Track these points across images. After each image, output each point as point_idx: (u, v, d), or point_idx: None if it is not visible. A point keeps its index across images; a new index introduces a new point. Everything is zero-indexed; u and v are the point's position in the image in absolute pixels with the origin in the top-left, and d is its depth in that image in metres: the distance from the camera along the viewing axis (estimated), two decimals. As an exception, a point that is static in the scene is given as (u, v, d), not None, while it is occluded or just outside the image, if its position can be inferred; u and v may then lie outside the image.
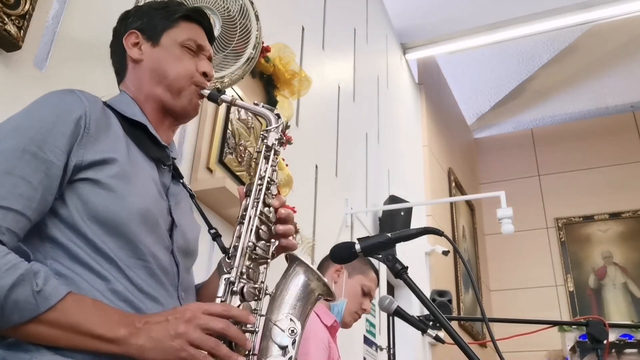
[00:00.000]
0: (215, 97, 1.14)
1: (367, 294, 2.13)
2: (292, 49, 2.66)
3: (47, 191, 0.88)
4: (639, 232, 6.20)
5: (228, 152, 2.22)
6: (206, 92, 1.14)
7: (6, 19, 1.36)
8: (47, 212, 0.90)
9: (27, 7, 1.42)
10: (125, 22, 1.18)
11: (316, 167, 3.14)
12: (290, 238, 1.08)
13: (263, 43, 2.48)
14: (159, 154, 1.08)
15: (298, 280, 1.02)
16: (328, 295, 1.05)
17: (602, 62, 6.04)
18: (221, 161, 2.17)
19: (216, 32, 1.75)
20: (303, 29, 3.21)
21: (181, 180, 1.16)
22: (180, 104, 1.11)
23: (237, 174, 2.24)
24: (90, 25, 1.69)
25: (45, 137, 0.89)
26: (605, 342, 2.02)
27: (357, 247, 1.30)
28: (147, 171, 1.03)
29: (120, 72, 1.17)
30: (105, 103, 1.06)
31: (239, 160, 2.28)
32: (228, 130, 2.23)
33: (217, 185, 2.02)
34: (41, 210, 0.88)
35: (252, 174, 2.35)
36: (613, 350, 4.23)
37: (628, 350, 4.34)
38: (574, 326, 4.31)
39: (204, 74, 1.14)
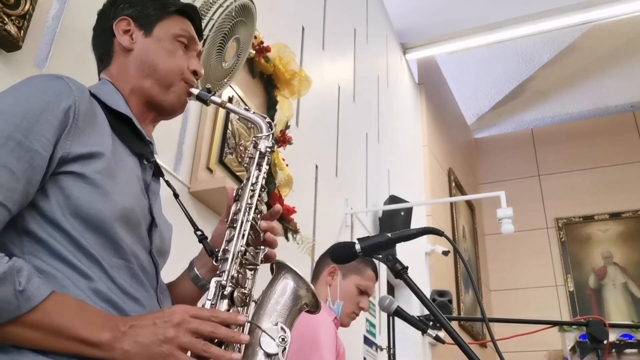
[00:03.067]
0: (204, 97, 1.10)
1: (364, 293, 2.07)
2: (292, 49, 2.66)
3: (29, 183, 0.83)
4: (639, 232, 6.20)
5: (228, 152, 2.22)
6: (195, 91, 1.10)
7: (6, 19, 1.36)
8: (26, 205, 0.84)
9: (27, 7, 1.42)
10: (115, 7, 1.12)
11: (316, 167, 3.14)
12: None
13: (262, 43, 2.48)
14: (143, 150, 1.04)
15: (286, 289, 0.99)
16: (314, 307, 1.02)
17: (602, 62, 6.03)
18: (221, 161, 2.17)
19: (233, 53, 1.86)
20: (303, 29, 3.21)
21: (165, 179, 1.12)
22: (168, 100, 1.07)
23: (237, 174, 2.24)
24: (91, 25, 1.68)
25: (31, 125, 0.84)
26: (605, 342, 2.02)
27: (357, 247, 1.30)
28: (130, 167, 0.98)
29: (105, 58, 1.11)
30: (90, 92, 1.00)
31: (239, 160, 2.28)
32: (228, 130, 2.23)
33: (217, 185, 2.02)
34: (22, 202, 0.83)
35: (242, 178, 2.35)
36: (613, 350, 4.22)
37: (628, 351, 4.33)
38: (574, 326, 4.29)
39: (194, 72, 1.10)
